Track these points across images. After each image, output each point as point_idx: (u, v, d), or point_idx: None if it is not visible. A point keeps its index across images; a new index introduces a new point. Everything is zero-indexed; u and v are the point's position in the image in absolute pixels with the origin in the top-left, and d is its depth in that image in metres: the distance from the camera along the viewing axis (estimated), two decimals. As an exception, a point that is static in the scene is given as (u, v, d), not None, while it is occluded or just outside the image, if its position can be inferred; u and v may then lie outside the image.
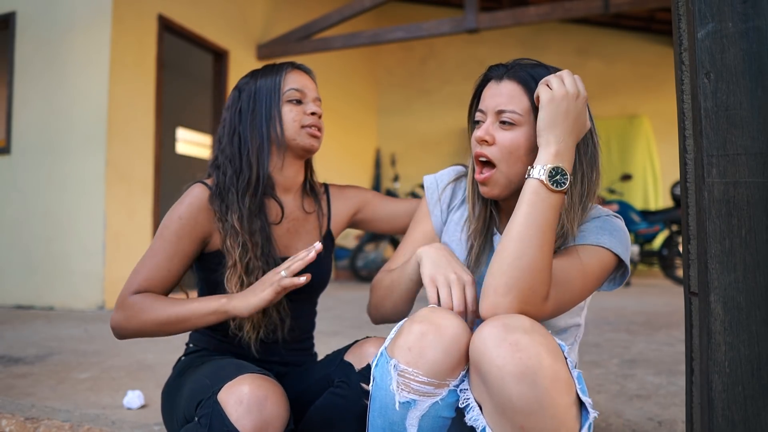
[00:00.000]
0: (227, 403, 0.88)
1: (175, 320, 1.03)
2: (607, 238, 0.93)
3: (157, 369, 2.05)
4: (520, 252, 0.82)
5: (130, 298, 1.06)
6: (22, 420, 1.44)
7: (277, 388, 0.93)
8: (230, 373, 0.94)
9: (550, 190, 0.84)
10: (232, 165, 1.13)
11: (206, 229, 1.11)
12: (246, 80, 1.20)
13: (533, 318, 0.81)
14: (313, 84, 1.22)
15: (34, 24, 4.15)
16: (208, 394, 0.92)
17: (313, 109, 1.17)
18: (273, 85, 1.17)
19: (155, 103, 4.28)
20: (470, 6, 4.63)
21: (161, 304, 1.04)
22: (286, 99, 1.16)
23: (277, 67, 1.20)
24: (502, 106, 0.94)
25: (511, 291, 0.81)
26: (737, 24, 0.69)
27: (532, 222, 0.83)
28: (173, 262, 1.09)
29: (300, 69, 1.21)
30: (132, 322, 1.05)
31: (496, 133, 0.95)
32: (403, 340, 0.81)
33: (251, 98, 1.17)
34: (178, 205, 1.12)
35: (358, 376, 0.98)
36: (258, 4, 5.61)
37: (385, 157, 8.26)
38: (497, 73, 0.98)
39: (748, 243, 0.68)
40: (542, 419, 0.72)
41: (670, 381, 1.86)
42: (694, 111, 0.73)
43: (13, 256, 4.10)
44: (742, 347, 0.68)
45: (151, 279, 1.08)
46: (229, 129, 1.17)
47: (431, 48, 8.07)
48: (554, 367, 0.73)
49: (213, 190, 1.12)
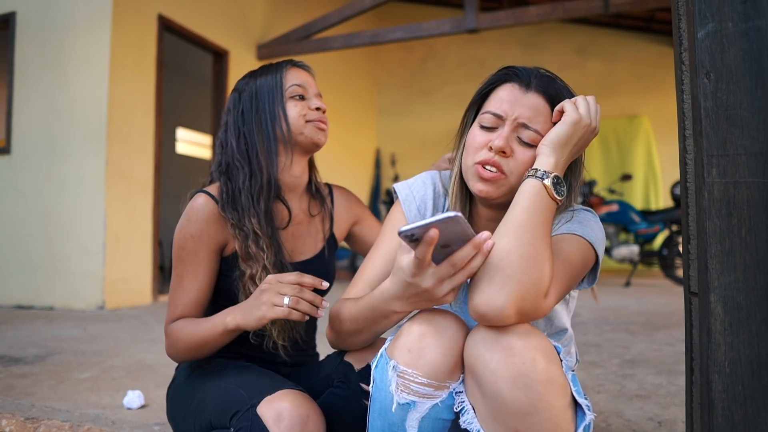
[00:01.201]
0: (267, 418, 0.88)
1: (202, 344, 1.03)
2: (578, 228, 0.91)
3: (157, 369, 2.05)
4: (522, 240, 0.77)
5: (169, 327, 1.07)
6: (22, 420, 1.44)
7: (316, 408, 0.94)
8: (266, 387, 0.95)
9: (551, 196, 0.83)
10: (242, 169, 1.12)
11: (220, 238, 1.10)
12: (245, 81, 1.19)
13: (530, 317, 0.77)
14: (313, 80, 1.21)
15: (34, 24, 4.15)
16: (246, 407, 0.92)
17: (317, 104, 1.17)
18: (274, 82, 1.15)
19: (155, 103, 4.28)
20: (470, 6, 4.63)
21: (187, 331, 1.04)
22: (289, 95, 1.15)
23: (276, 65, 1.19)
24: (527, 121, 0.90)
25: (510, 282, 0.74)
26: (737, 24, 0.69)
27: (533, 215, 0.80)
28: (200, 280, 1.08)
29: (299, 66, 1.20)
30: (176, 348, 1.06)
31: (514, 146, 0.90)
32: (402, 341, 0.81)
33: (253, 98, 1.15)
34: (186, 223, 1.09)
35: (357, 376, 0.98)
36: (258, 4, 5.61)
37: (385, 157, 8.26)
38: (524, 80, 0.92)
39: (748, 243, 0.68)
40: (537, 422, 0.72)
41: (670, 381, 1.86)
42: (694, 111, 0.73)
43: (13, 256, 4.10)
44: (742, 347, 0.68)
45: (184, 304, 1.08)
46: (234, 132, 1.15)
47: (431, 48, 8.07)
48: (549, 370, 0.73)
49: (223, 197, 1.10)
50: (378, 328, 0.92)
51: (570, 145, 0.87)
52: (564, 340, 1.03)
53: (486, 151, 0.91)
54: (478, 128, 0.94)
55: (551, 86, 0.92)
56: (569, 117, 0.86)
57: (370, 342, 0.99)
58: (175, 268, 1.10)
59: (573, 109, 0.86)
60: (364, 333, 0.94)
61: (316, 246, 1.22)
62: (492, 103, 0.93)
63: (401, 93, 8.33)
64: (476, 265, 0.76)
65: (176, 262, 1.09)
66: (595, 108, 0.88)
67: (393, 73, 8.46)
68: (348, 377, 0.99)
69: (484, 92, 0.96)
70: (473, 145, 0.93)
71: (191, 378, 1.10)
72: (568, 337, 1.05)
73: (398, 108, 8.31)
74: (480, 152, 0.92)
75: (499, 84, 0.94)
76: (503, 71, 0.95)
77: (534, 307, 0.76)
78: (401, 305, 0.83)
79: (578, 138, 0.87)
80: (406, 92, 8.32)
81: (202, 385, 1.05)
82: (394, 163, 8.10)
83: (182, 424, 1.07)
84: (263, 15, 5.68)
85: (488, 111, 0.93)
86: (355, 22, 5.83)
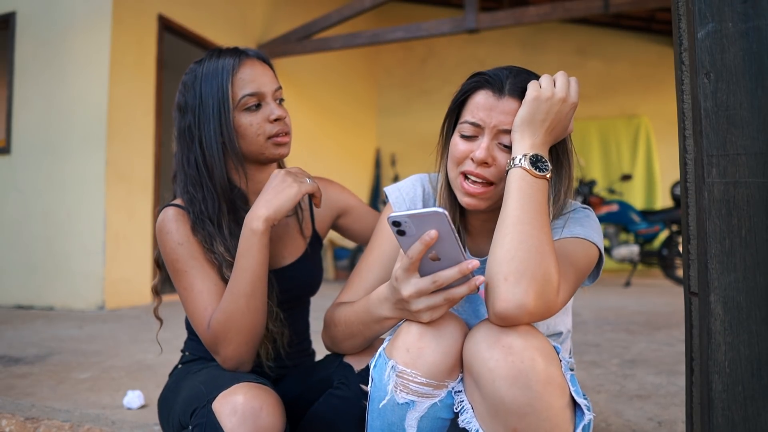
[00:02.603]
0: (221, 413, 0.85)
1: (243, 285, 0.95)
2: (579, 230, 0.91)
3: (157, 369, 2.05)
4: (524, 234, 0.77)
5: (208, 332, 1.00)
6: (22, 420, 1.44)
7: (272, 398, 0.90)
8: (225, 381, 0.92)
9: (534, 175, 0.83)
10: (196, 195, 1.04)
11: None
12: (190, 78, 1.05)
13: (544, 315, 0.77)
14: (269, 73, 1.06)
15: (34, 24, 4.15)
16: (203, 403, 0.89)
17: (277, 113, 1.03)
18: (221, 93, 1.00)
19: (155, 103, 4.28)
20: (470, 6, 4.63)
21: (225, 297, 0.98)
22: (241, 108, 1.02)
23: (222, 63, 1.01)
24: (507, 127, 0.89)
25: (524, 277, 0.74)
26: (737, 24, 0.69)
27: (526, 205, 0.80)
28: (211, 278, 1.02)
29: (251, 57, 1.05)
30: (228, 336, 0.97)
31: (496, 154, 0.90)
32: (401, 341, 0.81)
33: (197, 108, 1.02)
34: (167, 237, 1.03)
35: (357, 377, 0.97)
36: (258, 4, 5.61)
37: (385, 157, 8.26)
38: (496, 85, 0.90)
39: (748, 243, 0.68)
40: (535, 422, 0.72)
41: (670, 381, 1.86)
42: (694, 111, 0.73)
43: (13, 256, 4.10)
44: (742, 347, 0.68)
45: (207, 306, 1.01)
46: (181, 144, 1.05)
47: (431, 48, 8.07)
48: (548, 370, 0.73)
49: (191, 218, 1.03)
50: (370, 334, 0.93)
51: (538, 121, 0.85)
52: (561, 338, 1.04)
53: (469, 161, 0.91)
54: (458, 138, 0.93)
55: (524, 85, 0.90)
56: (528, 96, 0.85)
57: (363, 347, 0.99)
58: (179, 283, 1.03)
59: (533, 88, 0.85)
60: (357, 337, 0.95)
61: (299, 248, 1.17)
62: (469, 111, 0.93)
63: (401, 93, 8.33)
64: (458, 293, 0.75)
65: (179, 276, 1.03)
66: (563, 80, 0.86)
67: (393, 73, 8.46)
68: (348, 379, 0.98)
69: (459, 101, 0.96)
70: (455, 154, 0.93)
71: (176, 382, 1.09)
72: (565, 336, 1.05)
73: (398, 108, 8.31)
74: (463, 163, 0.92)
75: (473, 91, 0.93)
76: (474, 79, 0.93)
77: (548, 304, 0.76)
78: (389, 310, 0.84)
79: (545, 113, 0.84)
80: (406, 92, 8.32)
81: (180, 389, 1.03)
82: (394, 163, 8.10)
83: (167, 427, 1.05)
84: (263, 15, 5.68)
85: (466, 121, 0.92)
86: (355, 22, 5.83)
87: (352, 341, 0.97)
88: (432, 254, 0.75)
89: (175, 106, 1.09)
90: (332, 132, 6.83)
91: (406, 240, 0.75)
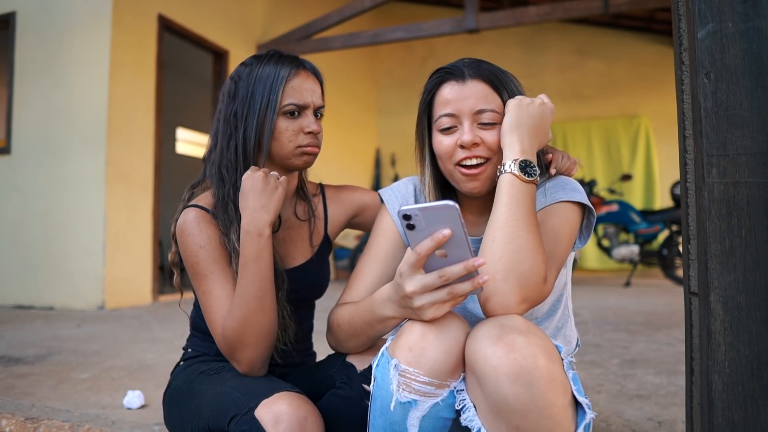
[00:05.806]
0: (265, 421, 0.87)
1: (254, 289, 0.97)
2: (560, 194, 0.96)
3: (157, 369, 2.05)
4: (511, 236, 0.83)
5: (224, 338, 1.01)
6: (22, 420, 1.44)
7: (315, 409, 0.93)
8: (264, 389, 0.93)
9: (523, 180, 0.87)
10: (229, 175, 1.07)
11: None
12: (246, 70, 1.09)
13: (534, 303, 0.82)
14: (318, 90, 1.12)
15: (34, 24, 4.16)
16: (244, 410, 0.90)
17: (312, 127, 1.08)
18: (272, 94, 1.06)
19: (155, 103, 4.28)
20: (470, 6, 4.63)
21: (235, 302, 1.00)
22: (283, 111, 1.07)
23: (279, 68, 1.08)
24: (481, 106, 0.94)
25: (511, 275, 0.80)
26: (737, 24, 0.69)
27: (515, 209, 0.85)
28: (231, 283, 1.03)
29: (306, 69, 1.11)
30: (244, 340, 0.99)
31: (481, 134, 0.95)
32: (404, 340, 0.81)
33: (247, 99, 1.07)
34: (189, 239, 1.04)
35: (360, 377, 0.97)
36: (258, 4, 5.61)
37: (385, 157, 8.26)
38: (457, 74, 0.96)
39: (748, 243, 0.68)
40: (537, 420, 0.72)
41: (670, 381, 1.86)
42: (694, 111, 0.73)
43: (13, 256, 4.10)
44: (742, 347, 0.68)
45: (224, 313, 1.01)
46: (225, 132, 1.09)
47: (431, 48, 8.06)
48: (550, 368, 0.73)
49: (214, 205, 1.06)
50: (373, 333, 0.94)
51: (524, 124, 0.91)
52: (558, 314, 1.04)
53: (459, 150, 0.95)
54: (440, 135, 0.98)
55: (482, 68, 0.97)
56: (510, 105, 0.93)
57: (367, 346, 1.00)
58: (198, 286, 1.04)
59: (513, 100, 0.93)
60: (360, 337, 0.96)
61: (309, 249, 1.19)
62: (439, 106, 0.97)
63: (401, 93, 8.32)
64: (461, 290, 0.76)
65: (199, 280, 1.04)
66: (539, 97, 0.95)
67: (393, 73, 8.46)
68: (350, 378, 0.99)
69: (427, 101, 1.01)
70: (443, 150, 0.97)
71: (187, 383, 1.08)
72: (563, 309, 1.06)
73: (398, 108, 8.30)
74: (453, 155, 0.96)
75: (437, 88, 0.99)
76: (435, 76, 1.00)
77: (536, 294, 0.82)
78: (393, 309, 0.84)
79: (528, 115, 0.91)
80: (406, 92, 8.30)
81: (198, 390, 1.04)
82: (394, 163, 8.10)
83: (180, 430, 1.05)
84: (263, 15, 5.68)
85: (441, 115, 0.97)
86: (355, 22, 5.83)
87: (356, 341, 0.98)
88: (440, 251, 0.75)
89: (225, 91, 1.11)
90: (332, 132, 6.79)
91: (415, 234, 0.75)
